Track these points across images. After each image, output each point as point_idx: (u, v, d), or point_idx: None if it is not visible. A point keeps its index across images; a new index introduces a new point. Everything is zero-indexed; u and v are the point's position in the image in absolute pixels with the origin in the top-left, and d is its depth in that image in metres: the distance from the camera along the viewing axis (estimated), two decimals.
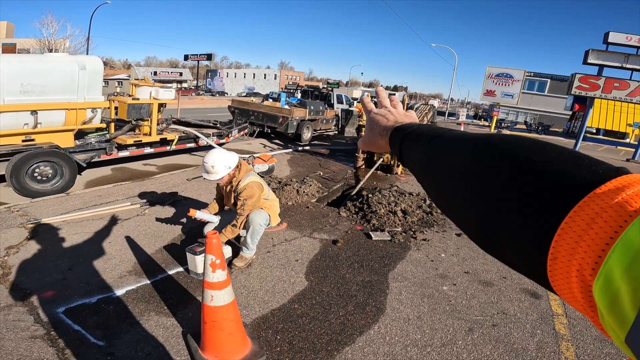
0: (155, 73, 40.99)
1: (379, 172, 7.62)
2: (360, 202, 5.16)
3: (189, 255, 3.10)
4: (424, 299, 3.09)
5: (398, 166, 7.65)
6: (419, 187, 6.66)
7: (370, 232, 4.22)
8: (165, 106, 7.08)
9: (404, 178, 7.39)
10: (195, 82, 43.06)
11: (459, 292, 3.27)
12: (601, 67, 14.62)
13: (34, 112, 5.06)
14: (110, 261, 3.24)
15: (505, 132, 16.59)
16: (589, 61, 14.22)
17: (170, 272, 3.14)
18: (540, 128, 29.05)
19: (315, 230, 4.28)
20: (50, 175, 5.15)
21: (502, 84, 25.96)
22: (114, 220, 4.06)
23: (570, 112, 30.82)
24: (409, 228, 4.48)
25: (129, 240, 3.65)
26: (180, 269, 3.21)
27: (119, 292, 2.77)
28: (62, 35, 28.27)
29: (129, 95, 6.61)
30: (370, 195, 5.20)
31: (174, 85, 40.73)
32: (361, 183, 6.44)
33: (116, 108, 6.57)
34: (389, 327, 2.64)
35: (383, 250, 3.88)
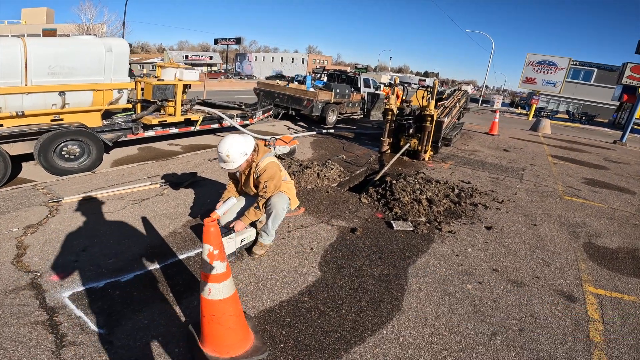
0: (186, 57, 41.70)
1: (404, 157, 7.29)
2: (383, 188, 4.92)
3: None
4: (444, 298, 2.86)
5: (425, 152, 7.27)
6: (447, 174, 6.30)
7: (392, 221, 3.99)
8: (190, 87, 7.06)
9: (432, 165, 7.02)
10: (224, 65, 43.46)
11: (485, 292, 3.01)
12: None
13: (61, 93, 5.15)
14: (124, 242, 3.22)
15: (546, 121, 15.51)
16: None
17: (180, 257, 3.08)
18: (584, 118, 27.10)
19: (334, 216, 4.10)
20: (77, 154, 5.27)
21: (544, 72, 25.12)
22: (133, 200, 4.07)
23: (617, 103, 28.75)
24: (434, 218, 4.21)
25: (144, 221, 3.63)
26: (192, 253, 3.14)
27: (128, 277, 2.74)
28: (100, 21, 29.13)
29: (155, 77, 6.61)
30: (394, 182, 4.94)
31: (204, 68, 41.38)
32: (385, 168, 6.17)
33: (142, 89, 6.63)
34: (403, 327, 2.44)
35: (404, 242, 3.65)
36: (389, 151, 7.69)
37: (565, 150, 10.85)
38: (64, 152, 5.14)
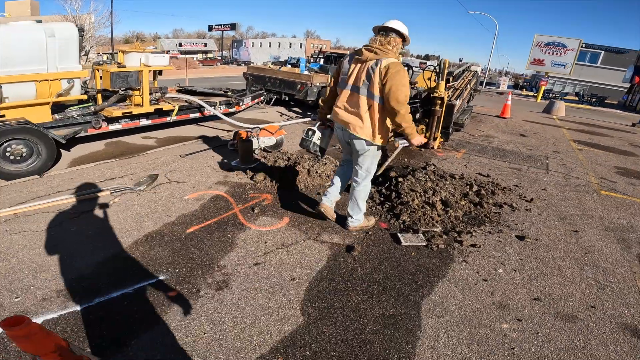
0: (180, 44, 40.44)
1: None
2: (387, 188, 4.07)
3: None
4: (472, 347, 2.05)
5: (435, 139, 6.37)
6: (461, 165, 5.43)
7: (399, 234, 3.14)
8: (161, 73, 6.17)
9: (442, 154, 6.14)
10: (220, 52, 42.16)
11: (526, 333, 2.21)
12: None
13: None
14: (43, 274, 2.41)
15: (560, 103, 14.47)
16: None
17: (114, 294, 2.27)
18: (594, 100, 26.03)
19: (325, 228, 3.25)
20: (24, 154, 4.44)
21: (552, 53, 24.91)
22: (72, 213, 3.24)
23: (627, 85, 27.98)
24: (451, 227, 3.36)
25: (78, 242, 2.80)
26: (130, 289, 2.32)
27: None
28: (86, 11, 27.85)
29: (117, 63, 5.71)
30: (400, 180, 4.08)
31: (199, 55, 40.14)
32: (389, 160, 5.23)
33: (102, 77, 5.75)
34: None
35: (415, 263, 2.81)
36: (392, 138, 6.78)
37: (587, 134, 9.90)
38: (8, 153, 4.32)
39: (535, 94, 26.12)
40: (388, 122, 2.78)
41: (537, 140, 8.14)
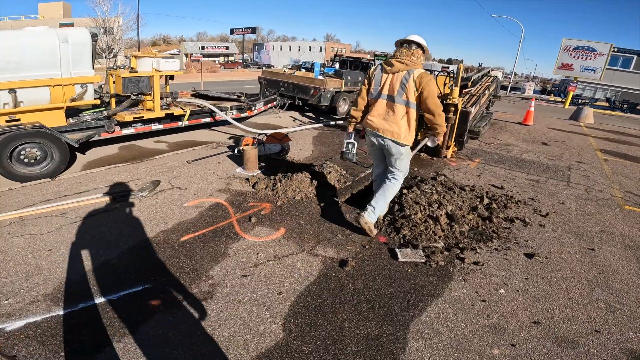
0: (202, 47, 41.55)
1: (422, 154, 6.22)
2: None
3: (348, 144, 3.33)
4: None
5: (448, 148, 6.17)
6: (474, 176, 5.22)
7: (397, 250, 3.01)
8: (173, 78, 6.26)
9: (455, 163, 5.93)
10: (241, 55, 43.05)
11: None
12: None
13: (11, 91, 4.48)
14: (34, 278, 2.46)
15: (588, 109, 13.80)
16: None
17: (98, 301, 2.28)
18: (625, 106, 24.77)
19: (322, 241, 3.17)
20: (38, 158, 4.60)
21: (582, 58, 24.19)
22: (73, 218, 3.30)
23: None
24: (454, 243, 3.20)
25: (73, 247, 2.84)
26: (115, 295, 2.32)
27: (16, 325, 2.05)
28: (114, 14, 28.87)
29: (130, 68, 5.84)
30: (405, 191, 3.94)
31: (221, 58, 41.07)
32: None
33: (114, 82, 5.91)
34: None
35: (410, 281, 2.68)
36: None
37: (614, 143, 9.37)
38: (22, 156, 4.49)
39: (564, 100, 25.15)
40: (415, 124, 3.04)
41: (560, 149, 7.76)
